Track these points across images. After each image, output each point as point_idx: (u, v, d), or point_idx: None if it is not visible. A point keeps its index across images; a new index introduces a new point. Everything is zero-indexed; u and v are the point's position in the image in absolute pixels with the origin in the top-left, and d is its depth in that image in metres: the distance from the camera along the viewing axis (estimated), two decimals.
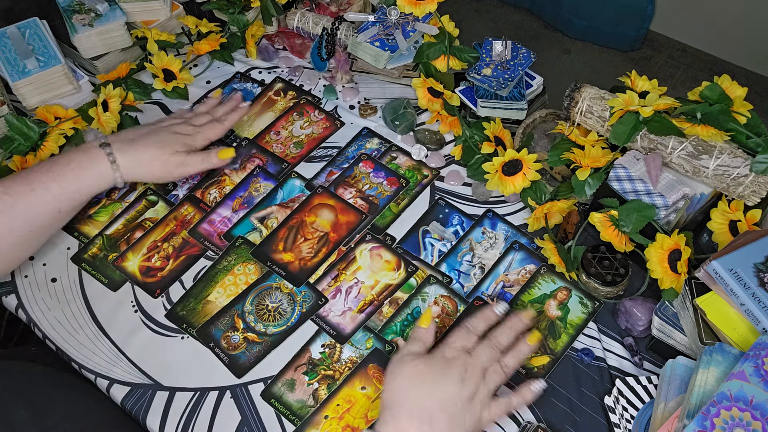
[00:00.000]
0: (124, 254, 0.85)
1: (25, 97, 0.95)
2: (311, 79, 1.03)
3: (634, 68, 1.49)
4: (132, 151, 0.81)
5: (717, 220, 0.78)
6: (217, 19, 1.07)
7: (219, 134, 0.89)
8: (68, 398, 0.73)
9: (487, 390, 0.68)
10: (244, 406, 0.74)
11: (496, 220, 0.88)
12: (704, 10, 2.06)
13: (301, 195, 0.90)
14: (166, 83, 0.98)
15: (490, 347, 0.70)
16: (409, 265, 0.84)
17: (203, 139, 0.87)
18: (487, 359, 0.69)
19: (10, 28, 0.97)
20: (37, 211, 0.76)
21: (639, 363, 0.76)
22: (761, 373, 0.62)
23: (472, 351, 0.70)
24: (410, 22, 0.97)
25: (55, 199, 0.77)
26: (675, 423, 0.64)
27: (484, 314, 0.73)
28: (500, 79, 0.90)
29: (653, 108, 0.77)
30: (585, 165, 0.80)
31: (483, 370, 0.68)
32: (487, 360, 0.69)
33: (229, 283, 0.83)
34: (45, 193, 0.76)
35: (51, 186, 0.77)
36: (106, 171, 0.80)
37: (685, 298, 0.72)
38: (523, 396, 0.70)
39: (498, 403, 0.68)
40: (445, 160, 0.94)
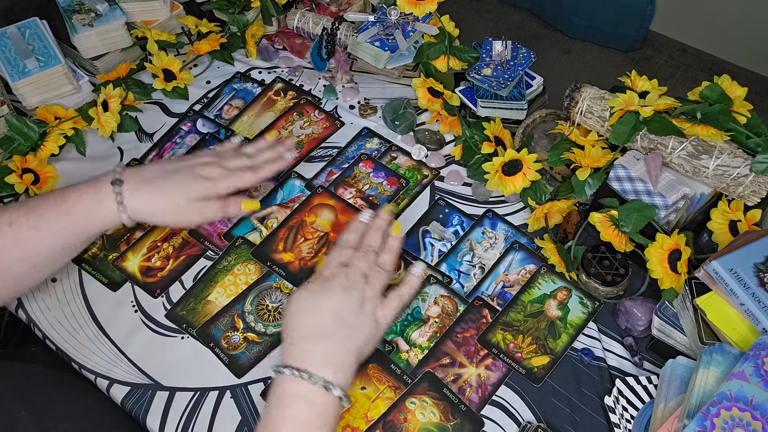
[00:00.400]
0: (124, 254, 0.85)
1: (25, 97, 0.95)
2: (311, 79, 1.03)
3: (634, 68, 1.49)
4: (144, 192, 0.75)
5: (717, 220, 0.78)
6: (217, 19, 1.07)
7: (249, 185, 0.82)
8: (68, 398, 0.73)
9: (374, 290, 0.71)
10: (244, 406, 0.74)
11: (496, 220, 0.88)
12: (704, 10, 2.06)
13: (301, 195, 0.90)
14: (166, 83, 0.98)
15: (363, 253, 0.74)
16: (409, 265, 0.84)
17: (228, 188, 0.80)
18: (364, 264, 0.72)
19: (10, 28, 0.97)
20: (40, 248, 0.73)
21: (639, 363, 0.76)
22: (761, 373, 0.62)
23: (349, 262, 0.73)
24: (410, 22, 0.97)
25: (60, 237, 0.74)
26: (675, 423, 0.64)
27: (353, 225, 0.77)
28: (500, 79, 0.90)
29: (653, 108, 0.77)
30: (585, 165, 0.80)
31: (363, 275, 0.71)
32: (365, 266, 0.72)
33: (229, 283, 0.83)
34: (50, 231, 0.73)
35: (55, 225, 0.73)
36: (111, 212, 0.75)
37: (685, 298, 0.72)
38: (409, 283, 0.74)
39: (389, 299, 0.72)
40: (445, 160, 0.94)
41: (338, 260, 0.73)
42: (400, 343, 0.78)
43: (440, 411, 0.73)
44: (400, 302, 0.73)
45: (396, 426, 0.72)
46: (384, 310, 0.71)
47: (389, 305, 0.72)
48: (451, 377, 0.76)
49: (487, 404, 0.74)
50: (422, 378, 0.75)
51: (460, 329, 0.79)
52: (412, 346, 0.78)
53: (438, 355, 0.77)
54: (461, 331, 0.79)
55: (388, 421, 0.73)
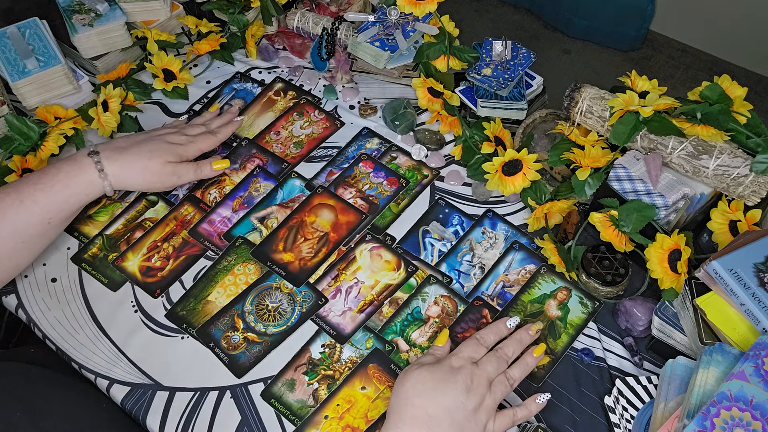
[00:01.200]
0: (124, 254, 0.85)
1: (25, 97, 0.95)
2: (311, 79, 1.03)
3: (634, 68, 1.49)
4: (122, 160, 0.81)
5: (717, 220, 0.78)
6: (217, 19, 1.07)
7: (211, 146, 0.89)
8: (67, 399, 0.73)
9: (493, 401, 0.68)
10: (244, 406, 0.74)
11: (496, 220, 0.88)
12: (704, 10, 2.06)
13: (301, 195, 0.90)
14: (166, 83, 0.98)
15: (496, 359, 0.71)
16: (409, 265, 0.84)
17: (195, 150, 0.87)
18: (494, 370, 0.70)
19: (10, 28, 0.97)
20: (27, 222, 0.76)
21: (639, 363, 0.76)
22: (761, 373, 0.62)
23: (479, 362, 0.70)
24: (410, 22, 0.97)
25: (44, 210, 0.77)
26: (675, 423, 0.64)
27: (496, 327, 0.74)
28: (500, 79, 0.90)
29: (653, 108, 0.77)
30: (585, 165, 0.80)
31: (489, 381, 0.69)
32: (493, 371, 0.69)
33: (229, 283, 0.83)
34: (33, 204, 0.76)
35: (39, 197, 0.76)
36: (93, 180, 0.79)
37: (685, 298, 0.72)
38: (529, 408, 0.70)
39: (503, 415, 0.69)
40: (445, 160, 0.94)
41: (470, 355, 0.70)
42: (400, 343, 0.78)
43: None
44: (511, 422, 0.69)
45: None
46: (494, 424, 0.68)
47: (501, 421, 0.68)
48: None
49: None
50: None
51: (460, 329, 0.79)
52: (412, 346, 0.78)
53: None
54: (461, 331, 0.79)
55: None
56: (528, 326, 0.75)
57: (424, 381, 0.67)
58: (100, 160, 0.80)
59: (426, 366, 0.69)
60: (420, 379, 0.67)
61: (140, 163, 0.81)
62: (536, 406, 0.70)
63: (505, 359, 0.71)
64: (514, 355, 0.72)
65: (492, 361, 0.70)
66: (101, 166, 0.79)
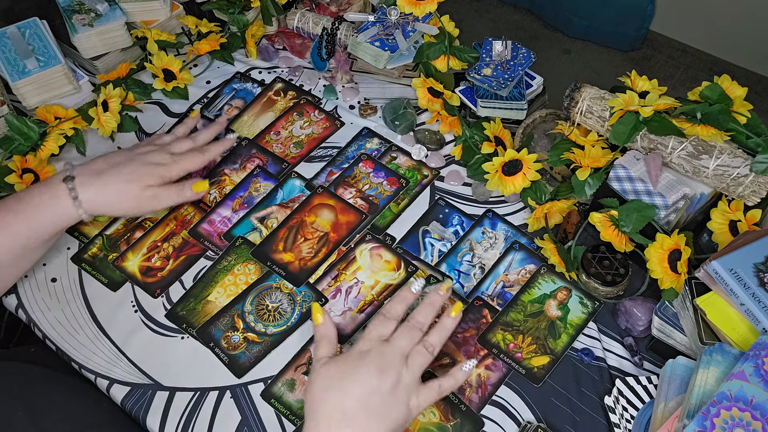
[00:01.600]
0: (124, 254, 0.85)
1: (25, 97, 0.95)
2: (311, 79, 1.03)
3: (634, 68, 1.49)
4: (98, 183, 0.76)
5: (717, 220, 0.78)
6: (217, 19, 1.07)
7: (198, 166, 0.83)
8: (67, 399, 0.73)
9: (411, 375, 0.64)
10: (244, 406, 0.74)
11: (496, 220, 0.88)
12: (704, 10, 2.06)
13: (301, 195, 0.90)
14: (166, 83, 0.98)
15: (408, 329, 0.67)
16: (409, 265, 0.84)
17: (180, 170, 0.81)
18: (407, 343, 0.66)
19: (10, 28, 0.97)
20: (4, 248, 0.73)
21: (639, 363, 0.76)
22: (761, 373, 0.62)
23: (390, 338, 0.66)
24: (410, 22, 0.97)
25: (20, 237, 0.74)
26: (675, 423, 0.64)
27: (400, 296, 0.70)
28: (500, 79, 0.90)
29: (653, 108, 0.77)
30: (585, 165, 0.80)
31: (403, 355, 0.65)
32: (407, 344, 0.66)
33: (229, 283, 0.83)
34: (8, 232, 0.73)
35: (14, 225, 0.73)
36: (67, 208, 0.75)
37: (685, 298, 0.72)
38: (455, 377, 0.67)
39: (427, 387, 0.65)
40: (445, 160, 0.94)
41: (378, 333, 0.66)
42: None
43: (440, 411, 0.73)
44: (437, 394, 0.66)
45: None
46: (419, 399, 0.64)
47: (426, 394, 0.65)
48: None
49: (487, 404, 0.74)
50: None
51: (460, 329, 0.79)
52: None
53: (438, 355, 0.77)
54: (461, 331, 0.79)
55: None
56: (437, 286, 0.70)
57: (332, 375, 0.64)
58: (74, 187, 0.75)
59: (333, 359, 0.66)
60: (327, 374, 0.64)
61: (117, 186, 0.77)
62: (462, 374, 0.67)
63: (419, 327, 0.67)
64: (428, 321, 0.68)
65: (403, 333, 0.66)
66: (75, 194, 0.75)
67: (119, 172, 0.78)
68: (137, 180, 0.78)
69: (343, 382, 0.63)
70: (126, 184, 0.77)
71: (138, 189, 0.78)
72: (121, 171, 0.78)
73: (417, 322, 0.68)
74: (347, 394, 0.62)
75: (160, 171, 0.79)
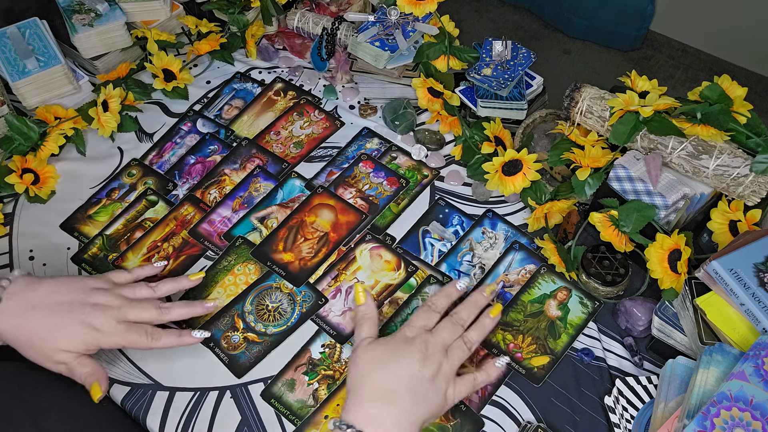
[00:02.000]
0: (124, 254, 0.85)
1: (25, 97, 0.95)
2: (311, 79, 1.03)
3: (634, 68, 1.49)
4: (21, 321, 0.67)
5: (717, 220, 0.78)
6: (217, 19, 1.07)
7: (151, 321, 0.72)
8: (67, 399, 0.73)
9: (451, 366, 0.67)
10: (244, 406, 0.74)
11: (496, 220, 0.88)
12: (704, 10, 2.06)
13: (301, 195, 0.90)
14: (166, 83, 0.98)
15: (451, 323, 0.70)
16: (409, 265, 0.84)
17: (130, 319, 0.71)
18: (449, 336, 0.69)
19: (10, 28, 0.97)
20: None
21: (639, 363, 0.76)
22: (761, 373, 0.62)
23: (434, 329, 0.70)
24: (410, 22, 0.97)
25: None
26: (675, 423, 0.64)
27: (445, 291, 0.74)
28: (500, 79, 0.90)
29: (653, 108, 0.77)
30: (585, 165, 0.80)
31: (444, 347, 0.68)
32: (448, 337, 0.69)
33: (229, 283, 0.83)
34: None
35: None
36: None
37: (685, 298, 0.72)
38: (488, 372, 0.70)
39: (463, 380, 0.68)
40: (445, 160, 0.94)
41: (423, 323, 0.70)
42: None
43: None
44: (472, 387, 0.69)
45: None
46: (455, 390, 0.67)
47: (461, 386, 0.68)
48: None
49: (487, 404, 0.74)
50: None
51: None
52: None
53: None
54: None
55: None
56: (482, 288, 0.74)
57: (379, 355, 0.67)
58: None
59: (378, 341, 0.68)
60: (374, 355, 0.67)
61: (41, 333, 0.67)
62: (495, 370, 0.71)
63: (461, 323, 0.71)
64: (470, 319, 0.72)
65: (447, 326, 0.70)
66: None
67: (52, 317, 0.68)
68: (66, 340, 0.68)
69: (388, 363, 0.66)
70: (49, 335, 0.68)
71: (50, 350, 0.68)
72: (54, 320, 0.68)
73: (459, 318, 0.71)
74: (393, 374, 0.65)
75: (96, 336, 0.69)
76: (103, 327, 0.69)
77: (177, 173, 0.93)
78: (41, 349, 0.68)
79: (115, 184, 0.92)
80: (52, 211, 0.89)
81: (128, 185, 0.91)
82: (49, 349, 0.68)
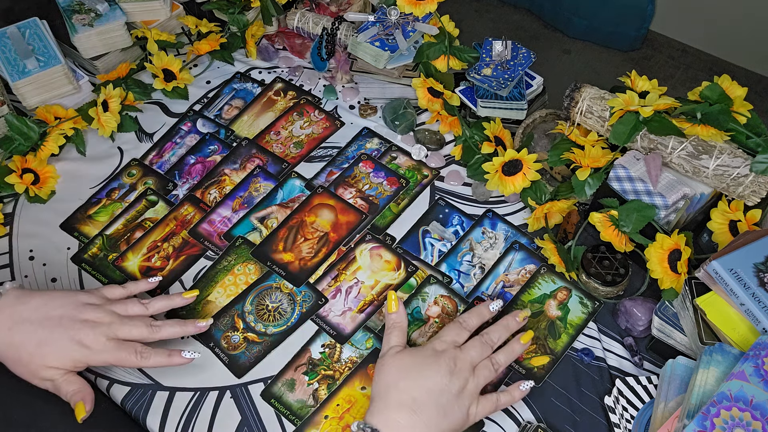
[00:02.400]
0: (124, 254, 0.85)
1: (25, 97, 0.95)
2: (311, 79, 1.03)
3: (634, 68, 1.49)
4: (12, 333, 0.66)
5: (717, 220, 0.78)
6: (217, 19, 1.07)
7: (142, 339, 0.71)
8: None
9: (476, 385, 0.68)
10: (244, 406, 0.74)
11: (496, 220, 0.88)
12: (704, 10, 2.06)
13: (301, 195, 0.90)
14: (166, 83, 0.98)
15: (481, 343, 0.70)
16: (409, 265, 0.84)
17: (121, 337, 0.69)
18: (477, 355, 0.69)
19: (10, 28, 0.97)
20: None
21: (639, 363, 0.76)
22: (761, 373, 0.62)
23: (463, 346, 0.70)
24: (410, 22, 0.97)
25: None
26: (675, 423, 0.64)
27: (478, 310, 0.74)
28: (500, 79, 0.90)
29: (653, 108, 0.77)
30: (585, 165, 0.80)
31: (472, 365, 0.68)
32: (477, 355, 0.69)
33: (229, 283, 0.83)
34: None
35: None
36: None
37: (685, 298, 0.72)
38: (512, 395, 0.70)
39: (486, 399, 0.69)
40: (445, 160, 0.94)
41: (453, 339, 0.70)
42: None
43: None
44: (494, 407, 0.69)
45: None
46: (477, 408, 0.68)
47: (483, 406, 0.68)
48: None
49: None
50: None
51: None
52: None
53: None
54: None
55: None
56: (515, 312, 0.74)
57: (407, 365, 0.67)
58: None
59: (407, 350, 0.69)
60: (402, 364, 0.67)
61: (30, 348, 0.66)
62: (519, 393, 0.71)
63: (490, 344, 0.71)
64: (500, 341, 0.72)
65: (476, 345, 0.70)
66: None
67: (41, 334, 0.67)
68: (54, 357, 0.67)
69: (416, 373, 0.66)
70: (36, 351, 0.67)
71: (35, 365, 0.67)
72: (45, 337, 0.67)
73: (489, 339, 0.71)
74: (419, 384, 0.65)
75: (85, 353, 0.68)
76: (93, 344, 0.68)
77: (177, 173, 0.93)
78: (29, 365, 0.67)
79: (115, 184, 0.92)
80: (52, 211, 0.89)
81: (128, 185, 0.91)
82: (36, 365, 0.67)
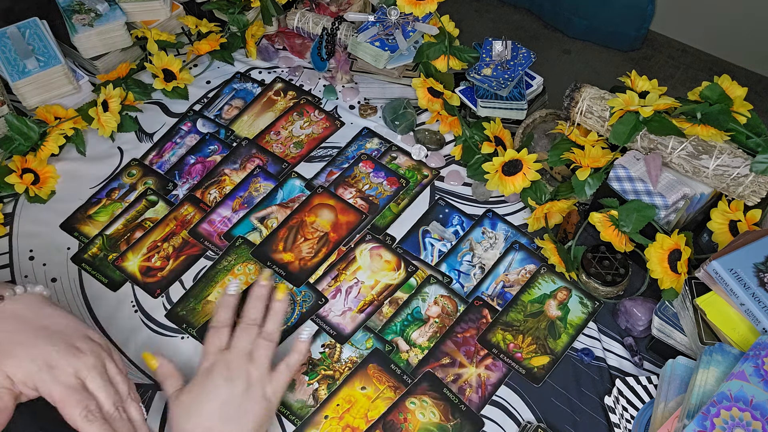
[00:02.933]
0: (124, 254, 0.85)
1: (25, 97, 0.95)
2: (311, 79, 1.03)
3: (634, 68, 1.49)
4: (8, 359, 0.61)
5: (717, 220, 0.78)
6: (217, 19, 1.07)
7: None
8: None
9: (260, 369, 0.67)
10: None
11: (496, 220, 0.88)
12: (704, 10, 2.06)
13: (301, 195, 0.90)
14: (166, 83, 0.98)
15: (244, 330, 0.69)
16: (409, 265, 0.84)
17: None
18: (246, 342, 0.68)
19: (10, 28, 0.97)
20: None
21: (639, 363, 0.76)
22: (761, 373, 0.62)
23: (229, 344, 0.68)
24: (410, 22, 0.97)
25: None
26: (675, 423, 0.64)
27: (222, 302, 0.72)
28: (500, 79, 0.90)
29: (653, 108, 0.77)
30: (585, 165, 0.80)
31: (246, 354, 0.67)
32: (246, 343, 0.68)
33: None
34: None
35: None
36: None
37: (685, 298, 0.72)
38: (297, 350, 0.70)
39: (278, 372, 0.68)
40: (445, 160, 0.94)
41: (216, 346, 0.68)
42: (400, 343, 0.78)
43: (440, 411, 0.73)
44: (289, 373, 0.68)
45: (396, 426, 0.72)
46: (273, 386, 0.67)
47: (278, 379, 0.68)
48: (451, 377, 0.76)
49: (487, 404, 0.74)
50: (422, 378, 0.75)
51: (460, 329, 0.79)
52: (412, 346, 0.78)
53: (438, 355, 0.77)
54: (461, 331, 0.79)
55: (388, 421, 0.73)
56: (257, 278, 0.73)
57: (186, 403, 0.66)
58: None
59: (182, 389, 0.67)
60: (182, 404, 0.66)
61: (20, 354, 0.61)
62: (303, 344, 0.70)
63: (253, 323, 0.69)
64: (260, 314, 0.70)
65: (241, 335, 0.68)
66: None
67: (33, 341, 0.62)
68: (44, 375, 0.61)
69: (198, 405, 0.65)
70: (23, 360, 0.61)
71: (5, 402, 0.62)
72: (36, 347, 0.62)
73: (249, 320, 0.70)
74: (204, 413, 0.64)
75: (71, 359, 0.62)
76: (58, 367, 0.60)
77: (177, 173, 0.93)
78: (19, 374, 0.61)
79: (115, 184, 0.92)
80: (52, 211, 0.89)
81: (128, 185, 0.91)
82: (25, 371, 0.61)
